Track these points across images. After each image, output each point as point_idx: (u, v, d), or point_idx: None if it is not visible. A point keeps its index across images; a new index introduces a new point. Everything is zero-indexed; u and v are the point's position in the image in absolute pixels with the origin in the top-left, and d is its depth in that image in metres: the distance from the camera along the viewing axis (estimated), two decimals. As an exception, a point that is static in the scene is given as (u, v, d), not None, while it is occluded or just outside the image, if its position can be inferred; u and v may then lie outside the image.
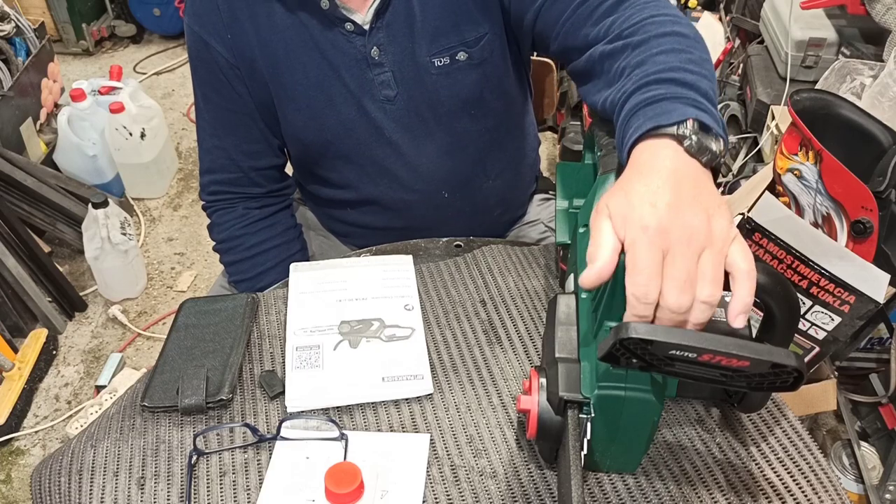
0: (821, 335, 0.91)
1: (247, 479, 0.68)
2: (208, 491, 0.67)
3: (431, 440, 0.70)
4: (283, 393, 0.75)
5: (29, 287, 1.82)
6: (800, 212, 1.01)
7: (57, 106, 2.46)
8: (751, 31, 1.86)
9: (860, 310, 0.86)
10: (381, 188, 1.02)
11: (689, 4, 2.22)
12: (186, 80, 2.86)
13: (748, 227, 0.88)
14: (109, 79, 2.38)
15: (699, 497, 0.64)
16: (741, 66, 1.82)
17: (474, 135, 0.99)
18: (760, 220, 0.87)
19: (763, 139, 1.50)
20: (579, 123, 2.04)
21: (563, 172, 0.87)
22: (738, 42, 1.97)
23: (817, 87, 1.35)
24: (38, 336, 1.82)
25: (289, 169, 1.10)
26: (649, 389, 0.56)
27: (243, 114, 0.97)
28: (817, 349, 0.93)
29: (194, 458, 0.69)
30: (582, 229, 0.71)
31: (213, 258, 1.20)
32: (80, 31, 3.02)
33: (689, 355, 0.48)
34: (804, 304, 0.88)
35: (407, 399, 0.74)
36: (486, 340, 0.80)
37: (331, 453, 0.69)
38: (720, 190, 1.48)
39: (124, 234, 1.91)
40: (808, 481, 0.66)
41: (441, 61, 0.91)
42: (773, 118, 1.43)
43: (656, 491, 0.65)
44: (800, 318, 0.56)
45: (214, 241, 1.07)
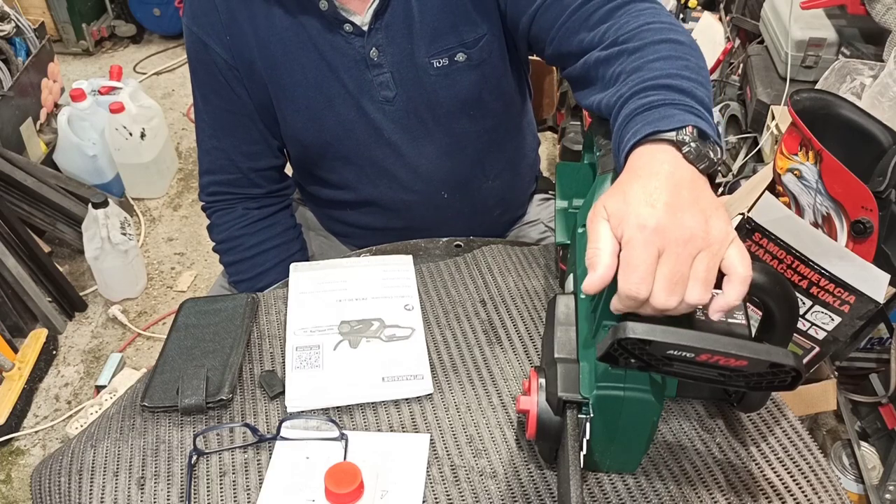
0: (821, 335, 0.91)
1: (247, 479, 0.68)
2: (208, 491, 0.67)
3: (431, 440, 0.70)
4: (283, 393, 0.75)
5: (29, 287, 1.82)
6: (800, 212, 1.01)
7: (57, 106, 2.46)
8: (751, 31, 1.86)
9: (860, 310, 0.86)
10: (380, 189, 1.02)
11: (689, 4, 2.21)
12: (186, 80, 2.86)
13: (748, 227, 0.88)
14: (109, 79, 2.38)
15: (699, 497, 0.64)
16: (741, 66, 1.82)
17: (473, 135, 0.99)
18: (760, 220, 0.87)
19: (763, 139, 1.50)
20: (579, 123, 2.04)
21: (563, 172, 0.87)
22: (738, 42, 1.97)
23: (817, 87, 1.35)
24: (38, 336, 1.82)
25: (288, 169, 1.10)
26: (648, 389, 0.56)
27: (242, 115, 0.97)
28: (817, 349, 0.93)
29: (194, 458, 0.69)
30: (581, 229, 0.71)
31: (213, 258, 1.20)
32: (80, 31, 3.02)
33: (687, 355, 0.49)
34: (804, 304, 0.88)
35: (407, 399, 0.74)
36: (486, 340, 0.80)
37: (331, 453, 0.69)
38: (720, 190, 1.48)
39: (124, 234, 1.91)
40: (808, 481, 0.66)
41: (440, 62, 0.91)
42: (773, 118, 1.43)
43: (656, 491, 0.65)
44: (799, 318, 0.56)
45: (214, 242, 1.08)
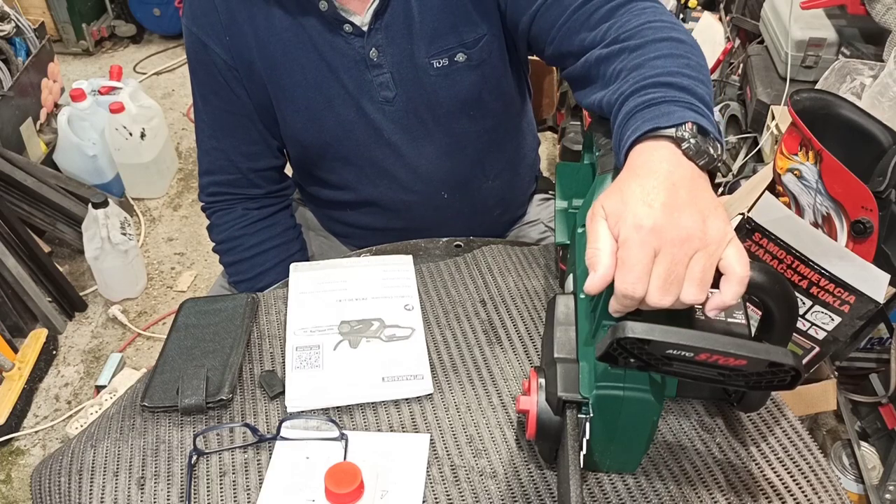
0: (821, 335, 0.91)
1: (247, 479, 0.68)
2: (208, 491, 0.67)
3: (431, 440, 0.70)
4: (283, 393, 0.75)
5: (29, 287, 1.82)
6: (800, 212, 1.01)
7: (57, 106, 2.46)
8: (751, 31, 1.86)
9: (860, 310, 0.86)
10: (380, 189, 1.02)
11: (689, 4, 2.21)
12: (186, 80, 2.85)
13: (748, 227, 0.88)
14: (109, 79, 2.38)
15: (699, 497, 0.64)
16: (741, 66, 1.81)
17: (473, 136, 0.99)
18: (760, 220, 0.87)
19: (763, 139, 1.50)
20: (579, 123, 2.04)
21: (563, 172, 0.87)
22: (738, 42, 1.97)
23: (817, 87, 1.35)
24: (38, 336, 1.82)
25: (288, 170, 1.10)
26: (648, 389, 0.56)
27: (242, 115, 0.97)
28: (817, 349, 0.93)
29: (194, 458, 0.69)
30: (581, 229, 0.71)
31: (213, 258, 1.20)
32: (80, 31, 3.02)
33: (687, 354, 0.48)
34: (804, 304, 0.88)
35: (407, 399, 0.74)
36: (486, 340, 0.80)
37: (331, 453, 0.69)
38: (720, 190, 1.48)
39: (124, 234, 1.91)
40: (808, 481, 0.66)
41: (440, 62, 0.91)
42: (773, 118, 1.43)
43: (656, 491, 0.65)
44: (798, 318, 0.56)
45: (214, 242, 1.08)
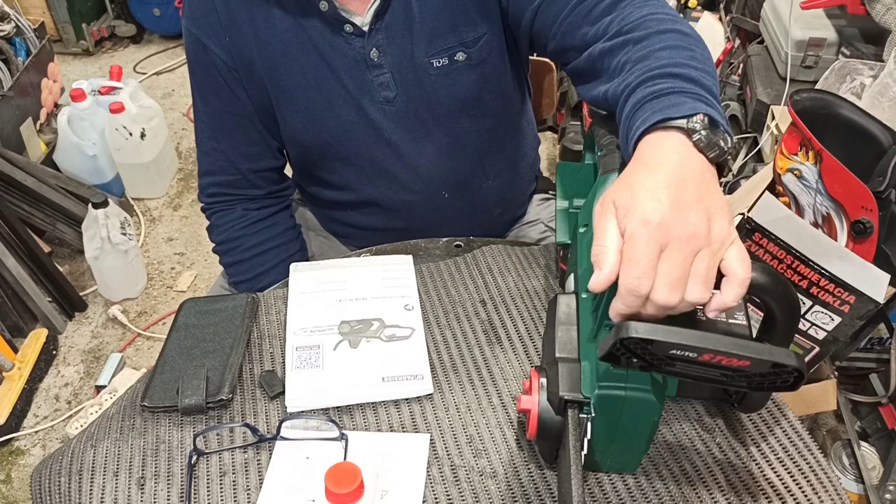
0: (821, 335, 0.91)
1: (247, 479, 0.68)
2: (208, 491, 0.67)
3: (431, 440, 0.70)
4: (283, 393, 0.75)
5: (29, 287, 1.82)
6: (800, 212, 1.01)
7: (57, 106, 2.46)
8: (751, 31, 1.86)
9: (860, 310, 0.86)
10: (380, 189, 1.02)
11: (689, 4, 2.22)
12: (186, 80, 2.85)
13: (748, 227, 0.88)
14: (109, 79, 2.38)
15: (699, 497, 0.64)
16: (741, 66, 1.82)
17: (473, 135, 0.99)
18: (760, 220, 0.87)
19: (763, 139, 1.50)
20: (579, 123, 2.04)
21: (563, 172, 0.87)
22: (738, 42, 1.97)
23: (817, 87, 1.35)
24: (38, 336, 1.82)
25: (287, 170, 1.10)
26: (649, 389, 0.56)
27: (242, 116, 0.97)
28: (817, 349, 0.93)
29: (194, 458, 0.69)
30: (582, 229, 0.71)
31: (213, 258, 1.20)
32: (80, 31, 3.02)
33: (690, 355, 0.48)
34: (804, 304, 0.88)
35: (407, 399, 0.74)
36: (486, 340, 0.80)
37: (331, 453, 0.69)
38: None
39: (124, 234, 1.90)
40: (808, 481, 0.66)
41: (440, 62, 0.91)
42: (773, 118, 1.43)
43: (656, 491, 0.65)
44: (800, 318, 0.56)
45: (214, 243, 1.07)
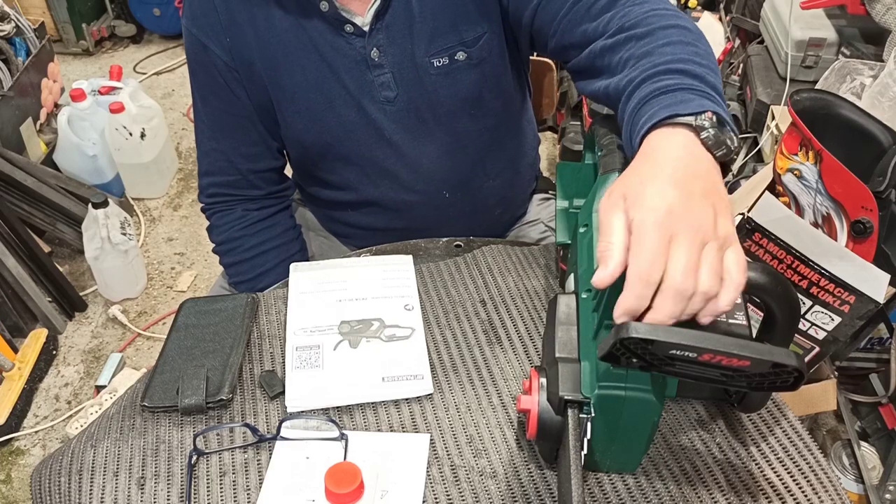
0: (821, 335, 0.91)
1: (247, 479, 0.68)
2: (208, 491, 0.67)
3: (431, 440, 0.70)
4: (283, 393, 0.75)
5: (29, 287, 1.82)
6: (800, 212, 1.01)
7: (57, 106, 2.46)
8: (751, 31, 1.86)
9: (860, 310, 0.86)
10: (381, 189, 1.02)
11: (689, 4, 2.22)
12: (186, 80, 2.85)
13: (748, 227, 0.88)
14: (109, 79, 2.38)
15: (699, 497, 0.64)
16: (741, 66, 1.82)
17: (474, 134, 0.99)
18: (760, 220, 0.87)
19: (763, 139, 1.50)
20: (579, 123, 2.04)
21: (563, 172, 0.87)
22: (738, 42, 1.97)
23: (817, 87, 1.35)
24: (38, 336, 1.82)
25: (288, 170, 1.10)
26: (649, 389, 0.56)
27: (242, 117, 0.97)
28: (817, 349, 0.93)
29: (194, 458, 0.69)
30: (582, 229, 0.71)
31: (213, 258, 1.20)
32: (80, 31, 3.02)
33: (690, 355, 0.48)
34: (804, 304, 0.88)
35: (407, 399, 0.74)
36: (486, 340, 0.80)
37: (331, 453, 0.69)
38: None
39: (124, 234, 1.90)
40: (808, 481, 0.66)
41: (440, 61, 0.91)
42: (773, 118, 1.43)
43: (656, 491, 0.65)
44: (800, 318, 0.56)
45: (214, 243, 1.07)
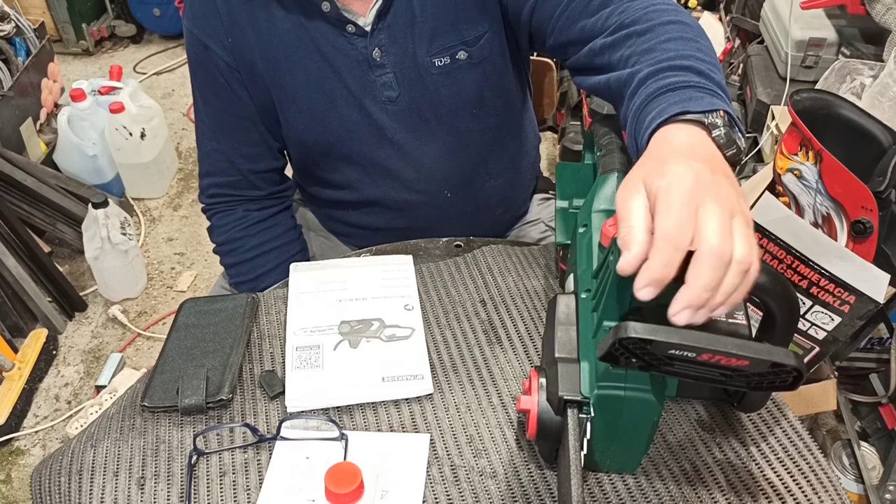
0: (821, 335, 0.91)
1: (247, 479, 0.68)
2: (208, 491, 0.67)
3: (431, 440, 0.70)
4: (283, 393, 0.75)
5: (29, 287, 1.82)
6: (800, 212, 1.01)
7: (57, 106, 2.46)
8: (751, 31, 1.86)
9: (860, 310, 0.86)
10: (383, 189, 1.02)
11: (689, 4, 2.22)
12: (186, 80, 2.85)
13: (748, 227, 0.88)
14: (109, 79, 2.38)
15: (699, 497, 0.64)
16: (741, 66, 1.82)
17: (476, 134, 0.99)
18: (760, 220, 0.87)
19: (763, 139, 1.50)
20: (579, 123, 2.04)
21: (563, 172, 0.87)
22: (738, 42, 1.97)
23: (817, 87, 1.35)
24: (38, 336, 1.82)
25: (288, 171, 1.10)
26: (649, 389, 0.56)
27: (243, 117, 0.97)
28: (817, 349, 0.93)
29: (194, 458, 0.69)
30: (581, 229, 0.71)
31: (214, 258, 1.20)
32: (80, 31, 3.02)
33: (689, 355, 0.48)
34: (804, 304, 0.88)
35: (407, 399, 0.74)
36: (486, 340, 0.80)
37: (331, 453, 0.69)
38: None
39: (124, 234, 1.90)
40: (808, 481, 0.66)
41: (441, 61, 0.91)
42: (773, 118, 1.43)
43: (656, 491, 0.65)
44: (799, 318, 0.56)
45: (215, 244, 1.07)
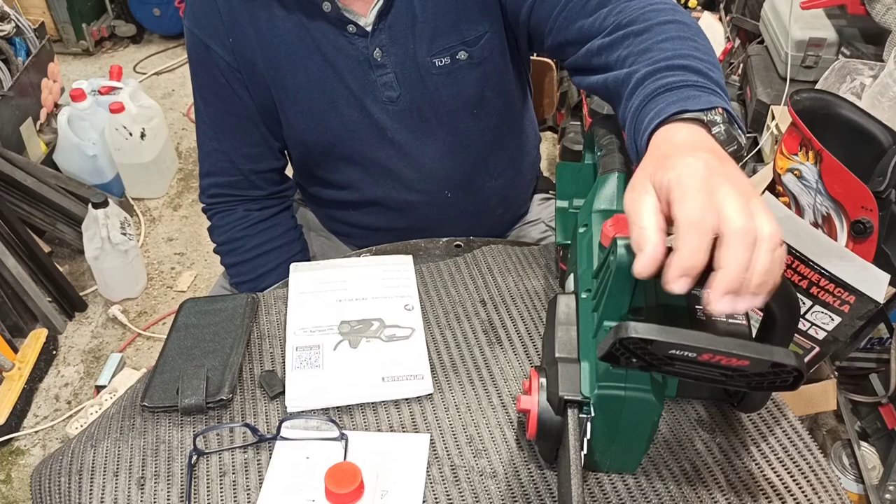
0: (821, 335, 0.91)
1: (247, 479, 0.68)
2: (208, 491, 0.67)
3: (431, 440, 0.70)
4: (283, 393, 0.75)
5: (29, 287, 1.82)
6: (800, 212, 1.01)
7: (57, 106, 2.46)
8: (751, 31, 1.86)
9: (860, 310, 0.86)
10: (383, 189, 1.02)
11: (689, 4, 2.22)
12: (186, 80, 2.86)
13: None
14: (109, 79, 2.38)
15: (699, 497, 0.64)
16: (741, 66, 1.82)
17: (476, 134, 0.99)
18: (760, 220, 0.87)
19: (763, 139, 1.50)
20: (579, 123, 2.04)
21: (563, 172, 0.87)
22: (738, 42, 1.97)
23: (817, 87, 1.35)
24: (38, 336, 1.82)
25: (288, 171, 1.10)
26: (649, 389, 0.56)
27: (244, 117, 0.97)
28: (817, 349, 0.93)
29: (194, 458, 0.69)
30: (582, 229, 0.71)
31: (214, 258, 1.20)
32: (80, 31, 3.02)
33: (689, 355, 0.48)
34: (804, 304, 0.88)
35: (407, 399, 0.74)
36: (486, 340, 0.80)
37: (331, 453, 0.69)
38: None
39: (124, 234, 1.90)
40: (808, 481, 0.66)
41: (442, 61, 0.91)
42: (773, 118, 1.43)
43: (656, 491, 0.65)
44: (800, 318, 0.56)
45: (215, 244, 1.07)
